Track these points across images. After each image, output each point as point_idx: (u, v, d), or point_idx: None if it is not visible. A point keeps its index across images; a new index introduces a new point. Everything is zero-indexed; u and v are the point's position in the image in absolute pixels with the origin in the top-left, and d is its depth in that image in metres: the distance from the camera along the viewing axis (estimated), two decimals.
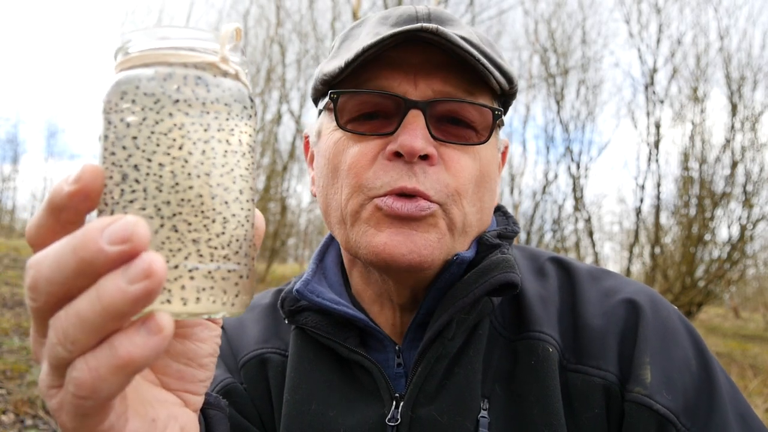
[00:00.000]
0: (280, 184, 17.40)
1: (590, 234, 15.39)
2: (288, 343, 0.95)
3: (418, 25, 0.75)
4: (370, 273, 0.89)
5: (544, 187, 16.20)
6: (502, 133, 0.93)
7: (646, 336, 0.80)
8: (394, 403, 0.82)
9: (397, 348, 0.87)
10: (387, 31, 0.79)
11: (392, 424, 0.80)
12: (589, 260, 15.84)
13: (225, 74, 0.46)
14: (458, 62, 0.79)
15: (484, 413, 0.79)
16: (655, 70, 14.57)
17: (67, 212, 0.41)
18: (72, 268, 0.38)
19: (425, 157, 0.77)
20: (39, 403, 4.49)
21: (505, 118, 0.92)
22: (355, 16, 10.80)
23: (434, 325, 0.80)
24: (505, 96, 0.89)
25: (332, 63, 0.84)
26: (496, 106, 0.86)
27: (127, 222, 0.37)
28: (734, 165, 13.16)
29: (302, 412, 0.86)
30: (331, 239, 1.00)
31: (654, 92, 14.49)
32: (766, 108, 13.25)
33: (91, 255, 0.37)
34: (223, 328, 1.02)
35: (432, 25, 0.74)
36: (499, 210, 0.97)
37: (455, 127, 0.81)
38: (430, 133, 0.78)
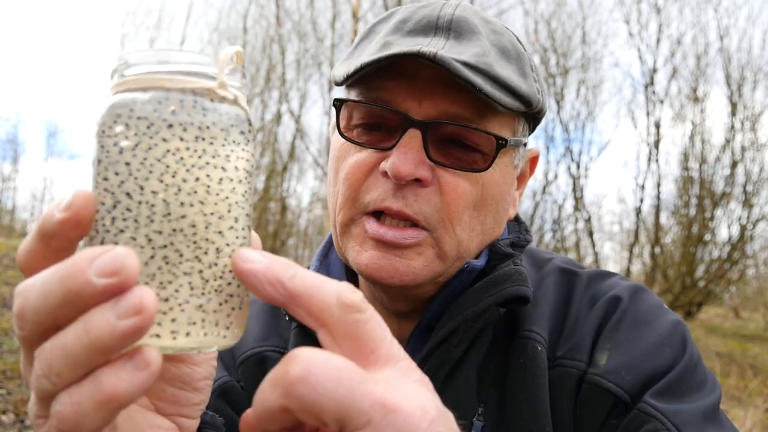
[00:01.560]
0: (280, 184, 17.42)
1: (590, 234, 15.40)
2: (287, 340, 0.94)
3: (416, 48, 0.72)
4: (366, 281, 0.89)
5: (544, 187, 16.20)
6: (531, 142, 0.91)
7: (616, 324, 0.81)
8: None
9: None
10: (396, 41, 0.77)
11: None
12: (589, 260, 15.84)
13: (223, 99, 0.45)
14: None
15: (478, 417, 0.79)
16: (655, 70, 14.57)
17: (57, 239, 0.40)
18: (59, 298, 0.37)
19: (418, 179, 0.76)
20: None
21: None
22: (354, 16, 10.80)
23: (440, 331, 0.79)
24: (531, 115, 0.85)
25: (342, 66, 0.83)
26: (516, 125, 0.83)
27: (117, 254, 0.36)
28: (734, 165, 13.16)
29: None
30: None
31: (654, 92, 14.49)
32: (766, 108, 13.26)
33: (78, 286, 0.36)
34: None
35: (432, 50, 0.71)
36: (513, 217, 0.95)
37: (459, 150, 0.78)
38: (428, 154, 0.76)
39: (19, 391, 4.73)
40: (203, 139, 0.43)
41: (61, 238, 0.40)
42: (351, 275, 0.96)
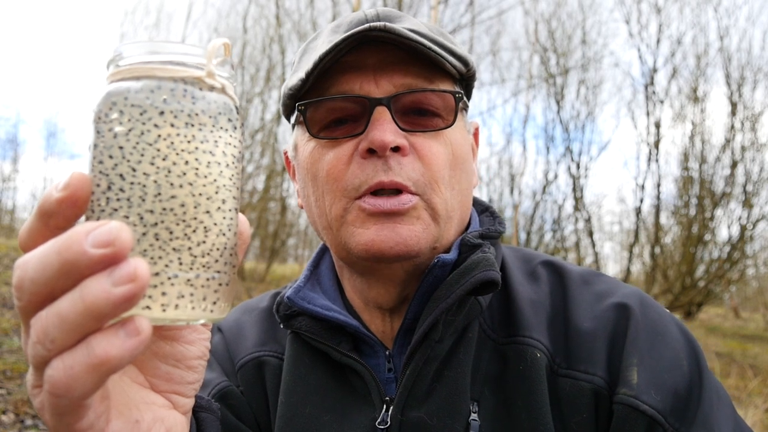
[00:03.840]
0: (280, 184, 17.42)
1: (590, 234, 15.40)
2: (284, 346, 0.96)
3: (367, 25, 0.77)
4: (355, 279, 0.90)
5: (544, 187, 16.20)
6: (470, 115, 0.96)
7: (635, 337, 0.80)
8: (385, 406, 0.82)
9: (387, 353, 0.87)
10: (339, 37, 0.81)
11: (382, 427, 0.81)
12: (589, 260, 15.85)
13: (212, 88, 0.48)
14: (413, 55, 0.82)
15: (474, 416, 0.79)
16: (655, 70, 14.58)
17: (55, 218, 0.43)
18: (56, 268, 0.39)
19: (397, 149, 0.80)
20: None
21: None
22: None
23: (420, 327, 0.80)
24: (465, 79, 0.91)
25: (294, 77, 0.86)
26: (457, 89, 0.88)
27: (111, 227, 0.39)
28: (734, 165, 13.17)
29: (297, 415, 0.87)
30: (326, 248, 1.01)
31: (654, 92, 14.50)
32: (766, 108, 13.25)
33: (74, 256, 0.39)
34: (220, 330, 1.04)
35: (380, 23, 0.77)
36: (487, 210, 0.98)
37: (421, 117, 0.83)
38: (398, 125, 0.80)
39: (19, 391, 4.73)
40: (193, 125, 0.46)
41: (59, 217, 0.43)
42: (340, 285, 0.97)
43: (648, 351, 0.79)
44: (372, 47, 0.82)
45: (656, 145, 14.37)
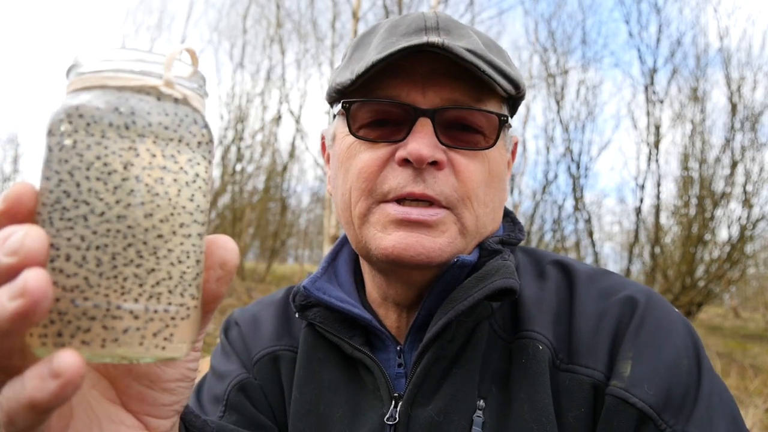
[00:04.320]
0: (280, 184, 17.40)
1: (590, 234, 15.39)
2: (299, 340, 0.97)
3: (425, 39, 0.77)
4: (375, 275, 0.91)
5: (544, 187, 16.20)
6: (511, 130, 0.96)
7: (636, 331, 0.80)
8: (393, 402, 0.83)
9: (398, 348, 0.88)
10: (396, 41, 0.81)
11: (390, 423, 0.82)
12: (589, 260, 15.84)
13: (175, 100, 0.44)
14: (465, 70, 0.81)
15: (479, 413, 0.80)
16: (655, 70, 14.57)
17: None
18: None
19: (434, 163, 0.79)
20: None
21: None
22: (355, 16, 10.80)
23: (434, 327, 0.80)
24: (513, 99, 0.91)
25: (344, 73, 0.86)
26: (503, 110, 0.88)
27: (19, 234, 0.36)
28: (734, 165, 13.16)
29: (310, 412, 0.88)
30: (345, 240, 1.02)
31: (654, 92, 14.49)
32: (766, 108, 13.25)
33: None
34: (238, 324, 1.05)
35: (438, 39, 0.77)
36: (507, 216, 0.98)
37: (463, 133, 0.83)
38: (439, 139, 0.80)
39: None
40: (145, 138, 0.42)
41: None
42: (359, 277, 0.99)
43: (648, 345, 0.79)
44: (424, 55, 0.81)
45: (656, 145, 14.37)
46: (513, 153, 0.99)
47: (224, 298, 0.50)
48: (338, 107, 0.89)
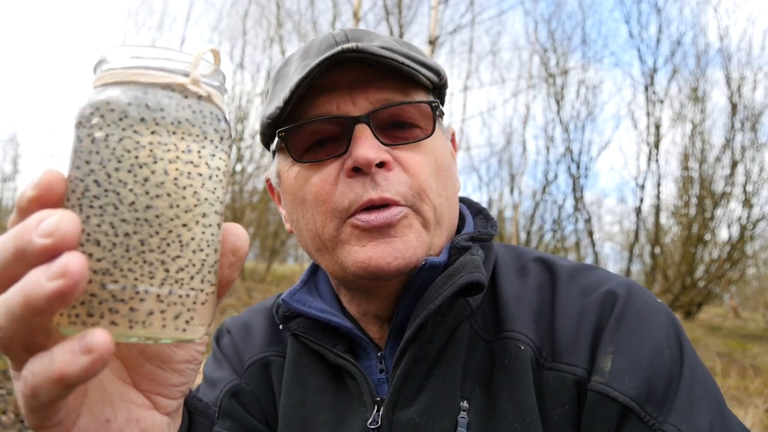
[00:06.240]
0: None
1: (590, 234, 15.40)
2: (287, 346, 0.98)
3: (339, 48, 0.78)
4: (353, 296, 0.92)
5: (544, 187, 16.20)
6: (444, 123, 0.98)
7: (616, 325, 0.79)
8: (376, 406, 0.84)
9: (379, 354, 0.89)
10: (312, 60, 0.83)
11: (373, 427, 0.82)
12: (589, 260, 15.84)
13: (198, 96, 0.46)
14: (386, 71, 0.83)
15: (463, 414, 0.80)
16: (655, 70, 14.58)
17: (28, 215, 0.42)
18: (11, 254, 0.40)
19: (381, 165, 0.80)
20: None
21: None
22: (355, 16, 10.80)
23: (409, 329, 0.81)
24: (438, 88, 0.92)
25: (271, 105, 0.87)
26: (432, 98, 0.90)
27: (56, 216, 0.38)
28: (734, 165, 13.16)
29: (295, 416, 0.89)
30: None
31: (654, 92, 14.50)
32: (766, 108, 13.25)
33: (24, 244, 0.39)
34: (229, 332, 1.07)
35: (351, 44, 0.79)
36: (480, 213, 0.98)
37: (401, 130, 0.85)
38: (379, 140, 0.81)
39: None
40: (174, 133, 0.44)
41: (31, 215, 0.42)
42: (338, 291, 0.98)
43: (628, 338, 0.78)
44: (344, 68, 0.83)
45: (656, 145, 14.37)
46: (453, 143, 1.00)
47: (224, 297, 0.51)
48: (275, 143, 0.90)
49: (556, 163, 16.02)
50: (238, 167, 15.65)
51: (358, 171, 0.80)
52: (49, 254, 0.38)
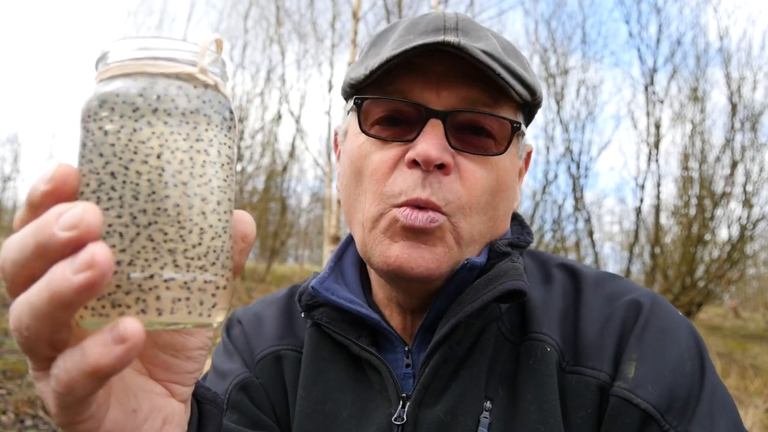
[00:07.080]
0: (280, 184, 17.41)
1: (590, 234, 15.40)
2: (302, 340, 0.97)
3: (441, 38, 0.76)
4: (380, 277, 0.91)
5: (544, 187, 16.19)
6: (527, 138, 0.95)
7: (641, 333, 0.80)
8: (401, 402, 0.83)
9: (406, 349, 0.88)
10: (413, 39, 0.81)
11: (398, 423, 0.82)
12: (589, 260, 15.84)
13: (205, 85, 0.46)
14: (480, 73, 0.80)
15: (485, 414, 0.80)
16: (655, 70, 14.57)
17: (42, 209, 0.41)
18: (31, 250, 0.39)
19: (441, 166, 0.79)
20: (39, 403, 4.49)
21: (529, 126, 0.93)
22: (355, 17, 10.80)
23: (443, 328, 0.81)
24: (529, 106, 0.90)
25: (358, 69, 0.86)
26: (517, 116, 0.87)
27: (78, 208, 0.38)
28: (734, 165, 13.16)
29: (317, 411, 0.88)
30: (351, 239, 1.01)
31: (654, 92, 14.49)
32: (766, 108, 13.25)
33: (45, 239, 0.38)
34: (240, 322, 1.05)
35: (454, 39, 0.76)
36: (516, 219, 0.98)
37: (474, 137, 0.82)
38: (449, 141, 0.79)
39: (20, 391, 4.73)
40: (187, 123, 0.45)
41: (45, 209, 0.41)
42: (364, 278, 0.98)
43: (651, 347, 0.79)
44: (441, 54, 0.80)
45: (656, 145, 14.37)
46: (526, 162, 0.98)
47: None
48: (350, 104, 0.89)
49: (556, 162, 16.01)
50: (238, 167, 15.64)
51: (417, 164, 0.79)
52: (74, 247, 0.38)
